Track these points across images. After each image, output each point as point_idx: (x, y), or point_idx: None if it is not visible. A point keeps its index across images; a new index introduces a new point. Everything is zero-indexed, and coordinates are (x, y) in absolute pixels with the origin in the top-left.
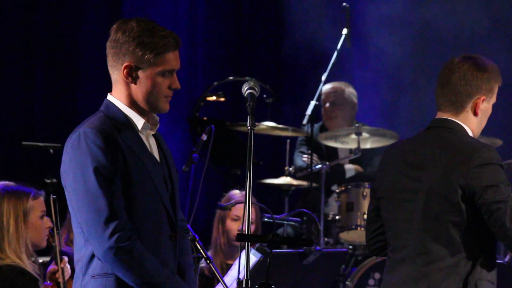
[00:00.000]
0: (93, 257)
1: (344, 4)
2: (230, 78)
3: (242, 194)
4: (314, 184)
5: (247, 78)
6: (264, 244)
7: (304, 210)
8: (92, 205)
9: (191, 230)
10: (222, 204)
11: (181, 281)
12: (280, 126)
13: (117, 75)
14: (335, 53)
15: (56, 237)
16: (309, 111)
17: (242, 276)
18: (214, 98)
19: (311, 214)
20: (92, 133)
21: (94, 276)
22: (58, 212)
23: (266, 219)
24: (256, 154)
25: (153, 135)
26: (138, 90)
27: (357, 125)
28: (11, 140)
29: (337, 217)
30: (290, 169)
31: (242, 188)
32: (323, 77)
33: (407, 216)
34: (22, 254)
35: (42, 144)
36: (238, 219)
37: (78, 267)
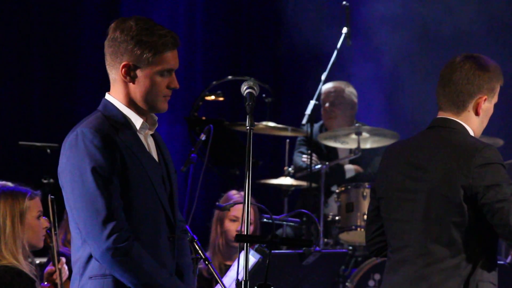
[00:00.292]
0: (90, 258)
1: (344, 2)
2: (229, 78)
3: (240, 195)
4: (313, 184)
5: (246, 77)
6: (263, 245)
7: (303, 210)
8: (89, 205)
9: (190, 231)
10: (220, 204)
11: (179, 282)
12: (279, 126)
13: (115, 74)
14: (335, 52)
15: (53, 237)
16: (308, 111)
17: (241, 277)
18: (212, 98)
19: (311, 214)
20: (90, 132)
21: (91, 277)
22: (55, 212)
23: (265, 220)
24: (255, 154)
25: (151, 135)
26: (137, 90)
27: (357, 125)
28: (8, 140)
29: (336, 217)
30: (290, 169)
31: (241, 188)
32: (323, 76)
33: (408, 216)
34: (18, 255)
35: (39, 144)
36: (236, 220)
37: (76, 268)
